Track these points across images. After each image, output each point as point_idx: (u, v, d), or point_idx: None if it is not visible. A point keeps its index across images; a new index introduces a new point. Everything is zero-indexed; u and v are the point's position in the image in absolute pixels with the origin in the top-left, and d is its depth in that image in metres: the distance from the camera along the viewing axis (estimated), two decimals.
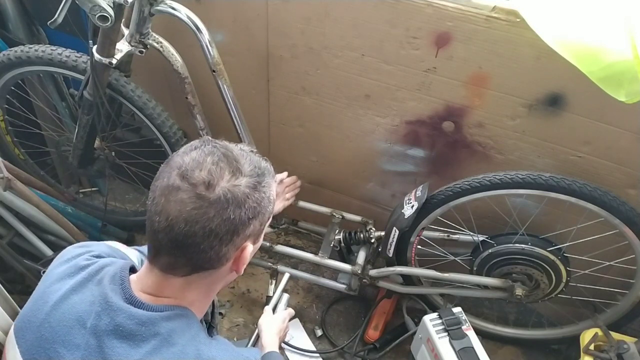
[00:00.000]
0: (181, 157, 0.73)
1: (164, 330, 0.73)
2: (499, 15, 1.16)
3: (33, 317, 0.76)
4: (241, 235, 0.73)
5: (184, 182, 0.69)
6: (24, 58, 1.43)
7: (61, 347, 0.72)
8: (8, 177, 1.37)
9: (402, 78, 1.37)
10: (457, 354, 1.34)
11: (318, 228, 1.77)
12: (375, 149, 1.59)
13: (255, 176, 0.74)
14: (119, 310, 0.72)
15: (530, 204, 1.40)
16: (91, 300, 0.74)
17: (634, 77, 0.97)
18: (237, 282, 1.86)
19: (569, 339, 1.56)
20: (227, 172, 0.71)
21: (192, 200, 0.69)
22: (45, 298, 0.76)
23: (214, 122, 1.50)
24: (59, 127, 1.78)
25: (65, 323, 0.73)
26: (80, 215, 1.79)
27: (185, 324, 0.76)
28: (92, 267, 0.79)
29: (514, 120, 1.33)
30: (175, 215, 0.69)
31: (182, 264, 0.73)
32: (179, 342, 0.73)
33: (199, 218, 0.69)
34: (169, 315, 0.74)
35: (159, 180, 0.73)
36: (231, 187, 0.70)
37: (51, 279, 0.79)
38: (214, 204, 0.69)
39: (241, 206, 0.71)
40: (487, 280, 1.45)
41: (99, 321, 0.72)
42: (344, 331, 1.73)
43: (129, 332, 0.72)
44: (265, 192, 0.76)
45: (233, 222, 0.71)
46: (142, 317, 0.72)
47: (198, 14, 1.23)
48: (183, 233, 0.69)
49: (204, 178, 0.69)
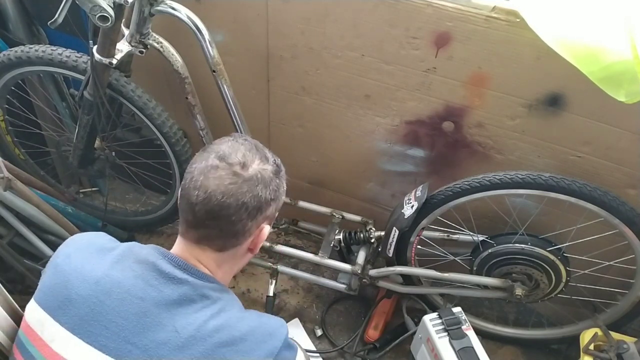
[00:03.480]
0: (218, 145, 0.86)
1: (220, 300, 0.84)
2: (498, 15, 1.16)
3: (74, 295, 0.79)
4: (263, 213, 0.86)
5: (222, 162, 0.83)
6: (24, 58, 1.43)
7: (117, 318, 0.77)
8: (8, 177, 1.37)
9: (402, 78, 1.37)
10: (457, 354, 1.34)
11: (318, 228, 1.77)
12: (375, 149, 1.59)
13: (277, 165, 0.90)
14: (181, 283, 0.81)
15: (530, 204, 1.40)
16: (135, 275, 0.81)
17: (633, 77, 0.97)
18: (237, 282, 1.86)
19: (568, 339, 1.56)
20: (257, 157, 0.86)
21: (229, 177, 0.81)
22: (80, 277, 0.81)
23: (214, 122, 1.50)
24: (59, 127, 1.78)
25: (115, 296, 0.79)
26: (81, 215, 1.79)
27: (231, 298, 0.88)
28: (121, 248, 0.86)
29: (513, 120, 1.33)
30: (213, 189, 0.81)
31: (215, 235, 0.84)
32: (232, 310, 0.84)
33: (235, 191, 0.81)
34: (219, 288, 0.86)
35: (196, 163, 0.84)
36: (261, 169, 0.85)
37: (78, 261, 0.83)
38: (248, 180, 0.82)
39: (267, 186, 0.85)
40: (487, 280, 1.45)
41: (160, 293, 0.80)
42: (344, 331, 1.73)
43: (192, 300, 0.81)
44: (282, 182, 0.91)
45: (260, 199, 0.84)
46: (203, 287, 0.82)
47: (198, 14, 1.23)
48: (219, 204, 0.80)
49: (240, 160, 0.83)
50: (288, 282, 1.86)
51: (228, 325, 0.80)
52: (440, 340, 1.38)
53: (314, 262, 1.61)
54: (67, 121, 1.81)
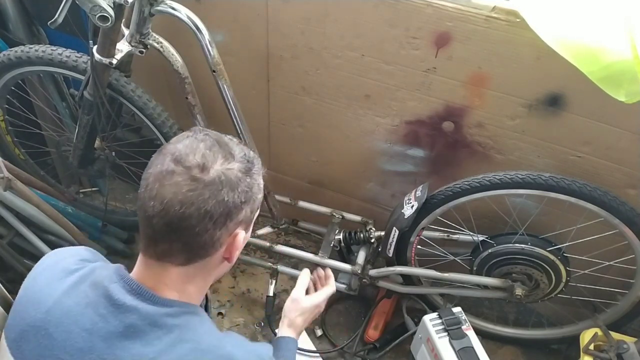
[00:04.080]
0: (174, 145, 0.74)
1: (177, 328, 0.73)
2: (498, 15, 1.16)
3: (26, 326, 0.73)
4: (234, 219, 0.74)
5: (178, 166, 0.71)
6: (24, 58, 1.43)
7: (63, 354, 0.70)
8: (8, 177, 1.37)
9: (402, 78, 1.37)
10: (457, 354, 1.34)
11: (318, 228, 1.77)
12: (375, 149, 1.59)
13: (246, 162, 0.76)
14: (128, 311, 0.71)
15: (530, 204, 1.40)
16: (86, 302, 0.73)
17: (633, 77, 0.97)
18: (237, 282, 1.86)
19: (568, 339, 1.56)
20: (220, 156, 0.73)
21: (187, 183, 0.70)
22: (36, 304, 0.74)
23: (214, 122, 1.50)
24: (59, 127, 1.78)
25: (63, 328, 0.71)
26: (81, 215, 1.80)
27: (198, 320, 0.76)
28: (83, 271, 0.78)
29: (513, 120, 1.33)
30: (170, 198, 0.69)
31: (178, 249, 0.73)
32: (193, 338, 0.73)
33: (195, 199, 0.69)
34: (179, 312, 0.74)
35: (151, 168, 0.73)
36: (225, 170, 0.72)
37: (40, 284, 0.77)
38: (209, 185, 0.70)
39: (234, 189, 0.73)
40: (487, 280, 1.45)
41: (106, 323, 0.71)
42: (344, 331, 1.73)
43: (141, 331, 0.71)
44: (256, 179, 0.78)
45: (227, 204, 0.72)
46: (155, 315, 0.72)
47: (198, 14, 1.23)
48: (178, 215, 0.69)
49: (198, 161, 0.71)
50: (288, 282, 1.86)
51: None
52: (440, 340, 1.38)
53: (314, 262, 1.61)
54: (67, 121, 1.81)
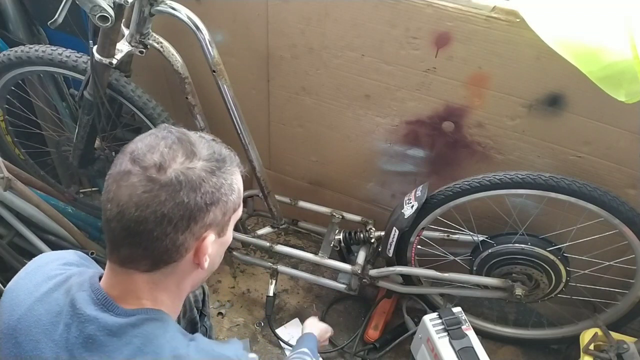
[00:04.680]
0: (135, 143, 0.70)
1: (137, 338, 0.69)
2: (498, 15, 1.16)
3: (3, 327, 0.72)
4: (199, 222, 0.69)
5: (135, 165, 0.66)
6: (24, 58, 1.43)
7: None
8: (8, 177, 1.38)
9: (402, 78, 1.37)
10: (457, 354, 1.34)
11: (318, 228, 1.77)
12: (375, 149, 1.59)
13: (214, 161, 0.70)
14: (87, 321, 0.69)
15: (530, 204, 1.40)
16: (57, 311, 0.70)
17: (633, 77, 0.97)
18: (237, 282, 1.86)
19: (568, 339, 1.56)
20: (180, 154, 0.68)
21: (142, 184, 0.65)
22: (11, 310, 0.73)
23: (214, 122, 1.50)
24: (59, 127, 1.78)
25: (32, 337, 0.69)
26: (81, 215, 1.80)
27: (160, 327, 0.72)
28: (60, 277, 0.76)
29: (513, 120, 1.33)
30: (125, 201, 0.65)
31: (140, 255, 0.69)
32: (154, 350, 0.69)
33: (150, 202, 0.65)
34: (142, 320, 0.70)
35: (112, 168, 0.69)
36: (184, 169, 0.67)
37: (18, 289, 0.76)
38: (165, 186, 0.65)
39: (196, 190, 0.67)
40: (487, 280, 1.45)
41: (69, 333, 0.68)
42: (344, 331, 1.73)
43: (100, 343, 0.68)
44: (226, 179, 0.71)
45: (187, 206, 0.67)
46: (113, 326, 0.68)
47: (198, 14, 1.23)
48: (134, 219, 0.65)
49: (155, 161, 0.66)
50: (288, 282, 1.86)
51: None
52: (440, 340, 1.38)
53: (314, 262, 1.61)
54: (67, 121, 1.81)
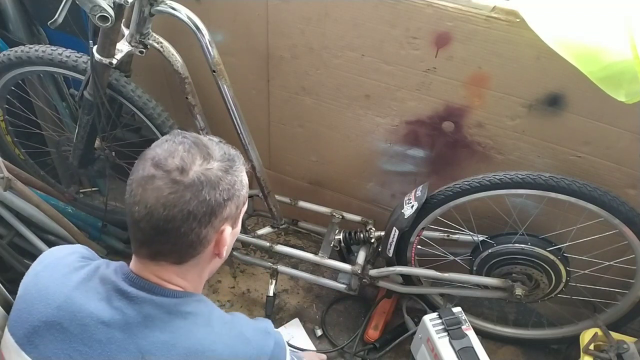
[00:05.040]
0: (154, 150, 0.77)
1: (191, 315, 0.77)
2: (498, 15, 1.16)
3: (37, 322, 0.75)
4: (219, 217, 0.77)
5: (158, 170, 0.73)
6: (24, 58, 1.43)
7: (82, 346, 0.73)
8: (8, 177, 1.38)
9: (402, 78, 1.37)
10: (457, 354, 1.34)
11: (318, 228, 1.77)
12: (375, 149, 1.59)
13: (226, 161, 0.79)
14: (144, 302, 0.75)
15: (530, 204, 1.40)
16: (100, 297, 0.76)
17: (633, 77, 0.97)
18: (237, 282, 1.86)
19: (568, 339, 1.56)
20: (198, 157, 0.75)
21: (168, 186, 0.72)
22: (44, 301, 0.76)
23: (214, 122, 1.50)
24: (59, 127, 1.78)
25: (78, 322, 0.74)
26: (81, 215, 1.79)
27: (205, 306, 0.81)
28: (89, 267, 0.81)
29: (513, 120, 1.33)
30: (153, 202, 0.72)
31: (169, 250, 0.76)
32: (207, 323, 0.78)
33: (177, 201, 0.72)
34: (187, 301, 0.79)
35: (134, 174, 0.76)
36: (204, 170, 0.75)
37: (44, 281, 0.79)
38: (189, 187, 0.73)
39: (215, 188, 0.75)
40: (487, 280, 1.45)
41: (124, 315, 0.74)
42: (344, 331, 1.73)
43: (159, 320, 0.75)
44: (237, 176, 0.80)
45: (209, 203, 0.74)
46: (169, 305, 0.76)
47: (198, 14, 1.23)
48: (163, 218, 0.72)
49: (177, 164, 0.73)
50: (288, 282, 1.86)
51: (202, 346, 0.75)
52: (440, 340, 1.38)
53: (314, 262, 1.61)
54: (67, 121, 1.81)
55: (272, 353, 0.82)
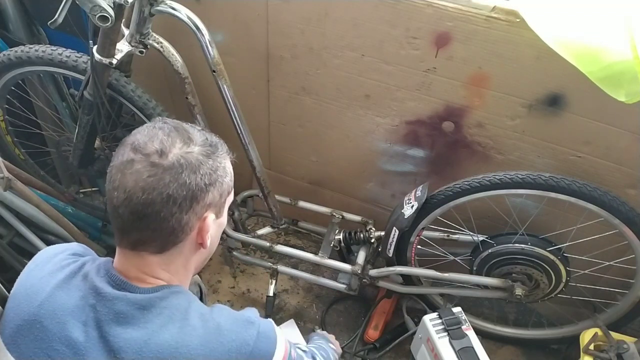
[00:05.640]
0: (134, 135, 0.76)
1: (166, 309, 0.75)
2: (499, 15, 1.16)
3: (20, 321, 0.75)
4: (200, 202, 0.76)
5: (137, 154, 0.72)
6: (24, 58, 1.43)
7: (59, 345, 0.72)
8: (8, 177, 1.37)
9: (402, 78, 1.37)
10: (457, 354, 1.34)
11: (318, 228, 1.77)
12: (375, 149, 1.59)
13: (208, 146, 0.77)
14: (115, 299, 0.74)
15: (530, 204, 1.40)
16: (80, 295, 0.75)
17: (633, 77, 0.97)
18: (237, 282, 1.86)
19: (568, 339, 1.56)
20: (178, 141, 0.74)
21: (147, 169, 0.71)
22: (28, 299, 0.76)
23: (214, 122, 1.50)
24: (59, 127, 1.78)
25: (57, 320, 0.73)
26: (81, 215, 1.79)
27: (184, 298, 0.78)
28: (75, 264, 0.80)
29: (513, 120, 1.33)
30: (132, 186, 0.71)
31: (149, 237, 0.75)
32: (182, 317, 0.75)
33: (156, 184, 0.71)
34: (167, 293, 0.76)
35: (114, 160, 0.75)
36: (184, 153, 0.74)
37: (32, 280, 0.79)
38: (169, 169, 0.72)
39: (196, 171, 0.74)
40: (487, 280, 1.45)
41: (96, 313, 0.73)
42: (344, 331, 1.73)
43: (131, 316, 0.73)
44: (220, 162, 0.79)
45: (189, 187, 0.73)
46: (142, 300, 0.74)
47: (198, 14, 1.23)
48: (142, 202, 0.71)
49: (156, 148, 0.73)
50: (288, 282, 1.86)
51: (175, 342, 0.72)
52: (440, 340, 1.38)
53: (314, 262, 1.61)
54: (67, 121, 1.81)
55: (254, 344, 0.78)
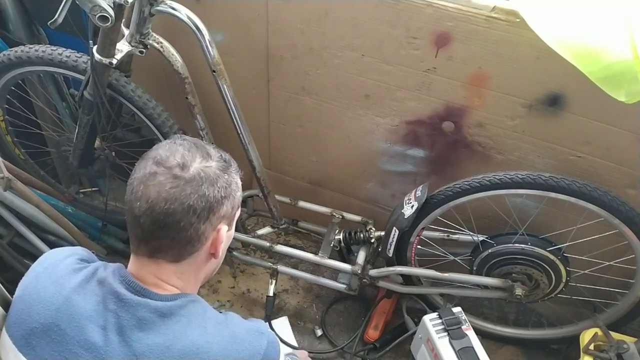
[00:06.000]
0: (155, 150, 0.82)
1: (184, 317, 0.79)
2: (499, 15, 1.16)
3: (35, 323, 0.76)
4: (216, 214, 0.81)
5: (160, 167, 0.77)
6: (24, 58, 1.43)
7: (77, 348, 0.74)
8: (8, 177, 1.37)
9: (402, 78, 1.37)
10: (457, 354, 1.34)
11: (318, 228, 1.77)
12: (375, 149, 1.59)
13: (223, 161, 0.84)
14: (138, 305, 0.77)
15: (530, 204, 1.40)
16: (98, 300, 0.77)
17: (633, 77, 0.97)
18: (237, 282, 1.86)
19: (568, 339, 1.56)
20: (198, 156, 0.80)
21: (169, 181, 0.76)
22: (43, 303, 0.77)
23: (214, 122, 1.50)
24: (59, 127, 1.78)
25: (75, 324, 0.75)
26: (81, 215, 1.80)
27: (200, 307, 0.83)
28: (87, 270, 0.82)
29: (513, 120, 1.33)
30: (155, 197, 0.75)
31: (168, 245, 0.79)
32: (200, 324, 0.79)
33: (178, 195, 0.76)
34: (185, 302, 0.80)
35: (136, 173, 0.80)
36: (203, 167, 0.79)
37: (43, 283, 0.80)
38: (190, 181, 0.77)
39: (214, 184, 0.79)
40: (487, 280, 1.45)
41: (118, 318, 0.76)
42: (344, 331, 1.73)
43: (152, 323, 0.76)
44: (233, 177, 0.85)
45: (208, 198, 0.78)
46: (163, 308, 0.77)
47: (198, 14, 1.23)
48: (164, 211, 0.75)
49: (178, 161, 0.78)
50: (288, 282, 1.86)
51: (196, 348, 0.76)
52: (440, 340, 1.38)
53: (314, 262, 1.61)
54: (67, 121, 1.81)
55: (264, 353, 0.83)
